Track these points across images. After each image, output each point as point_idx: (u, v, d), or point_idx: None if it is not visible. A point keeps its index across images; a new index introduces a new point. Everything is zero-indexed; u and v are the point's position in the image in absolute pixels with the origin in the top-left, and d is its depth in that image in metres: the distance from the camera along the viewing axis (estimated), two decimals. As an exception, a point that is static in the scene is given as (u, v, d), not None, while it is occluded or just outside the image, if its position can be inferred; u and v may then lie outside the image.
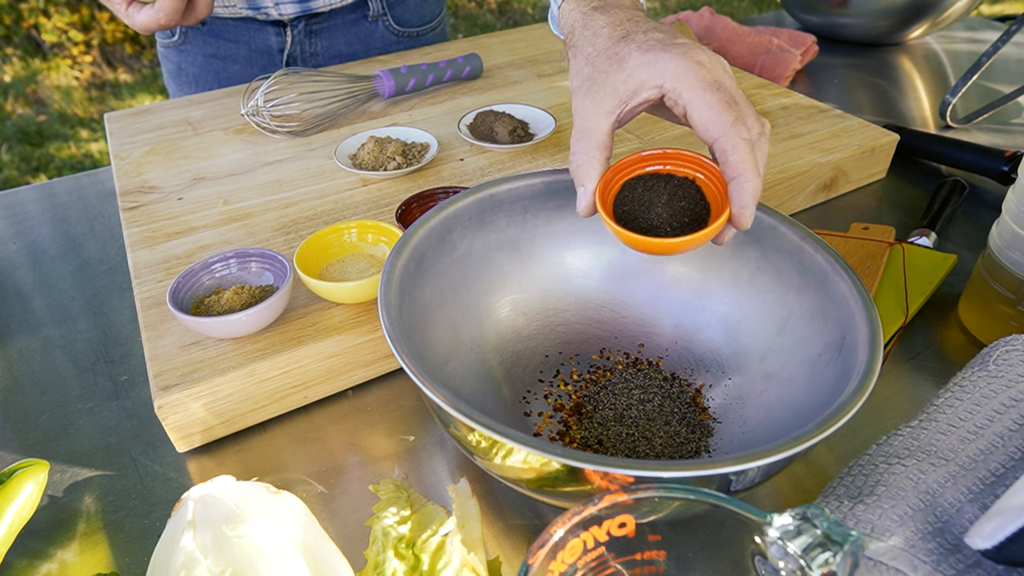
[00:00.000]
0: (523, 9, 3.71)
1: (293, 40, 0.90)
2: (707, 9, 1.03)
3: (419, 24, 0.99)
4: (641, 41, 0.41)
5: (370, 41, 0.95)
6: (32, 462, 0.43)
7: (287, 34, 0.90)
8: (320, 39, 0.92)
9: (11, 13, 2.94)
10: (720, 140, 0.38)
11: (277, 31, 0.90)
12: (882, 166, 0.74)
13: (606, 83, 0.41)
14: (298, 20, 0.89)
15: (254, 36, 0.90)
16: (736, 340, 0.48)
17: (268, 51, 0.91)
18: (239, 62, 0.92)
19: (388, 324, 0.38)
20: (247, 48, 0.91)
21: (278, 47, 0.91)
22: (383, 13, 0.94)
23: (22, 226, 0.72)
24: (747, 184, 0.38)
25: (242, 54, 0.91)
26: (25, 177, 2.31)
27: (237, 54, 0.92)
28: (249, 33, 0.90)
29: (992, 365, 0.42)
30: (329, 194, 0.65)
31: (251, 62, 0.92)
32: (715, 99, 0.38)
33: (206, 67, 0.93)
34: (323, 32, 0.92)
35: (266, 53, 0.91)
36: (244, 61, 0.92)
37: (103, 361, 0.55)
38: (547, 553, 0.28)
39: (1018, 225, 0.48)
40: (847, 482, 0.38)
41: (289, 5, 0.86)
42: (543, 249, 0.52)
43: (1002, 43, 0.84)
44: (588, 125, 0.41)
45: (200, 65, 0.93)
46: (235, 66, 0.92)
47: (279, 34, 0.90)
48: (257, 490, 0.36)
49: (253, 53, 0.91)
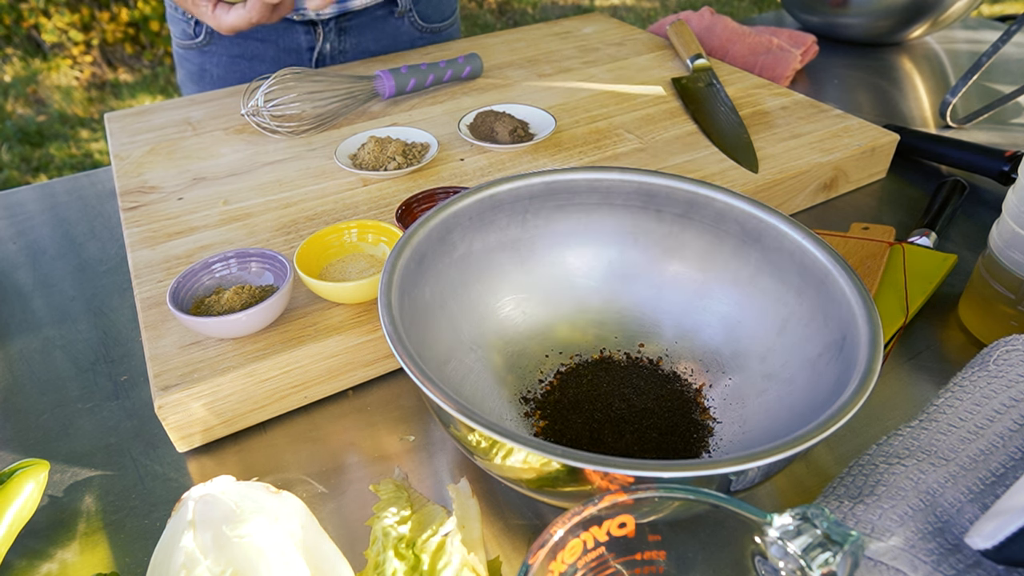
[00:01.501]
0: (523, 9, 3.72)
1: (324, 38, 0.90)
2: (707, 9, 1.03)
3: (440, 20, 1.00)
4: None
5: (397, 36, 0.95)
6: (32, 462, 0.43)
7: (317, 32, 0.89)
8: (350, 36, 0.91)
9: (11, 13, 2.94)
10: None
11: (307, 29, 0.89)
12: (882, 166, 0.74)
13: None
14: (330, 19, 0.88)
15: (283, 35, 0.89)
16: (736, 340, 0.48)
17: (297, 50, 0.90)
18: (267, 62, 0.91)
19: (388, 324, 0.38)
20: (275, 48, 0.90)
21: (307, 45, 0.90)
22: (409, 9, 0.94)
23: (22, 226, 0.72)
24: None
25: (270, 54, 0.90)
26: (25, 177, 2.31)
27: (265, 54, 0.90)
28: (278, 33, 0.89)
29: (992, 365, 0.42)
30: (329, 194, 0.65)
31: (279, 62, 0.91)
32: None
33: (232, 68, 0.92)
34: (353, 29, 0.91)
35: (295, 52, 0.90)
36: (272, 61, 0.91)
37: (103, 361, 0.55)
38: (547, 553, 0.28)
39: (1018, 225, 0.48)
40: (847, 482, 0.38)
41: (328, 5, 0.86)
42: (543, 249, 0.52)
43: (1002, 43, 0.84)
44: None
45: (225, 66, 0.92)
46: (263, 66, 0.91)
47: (308, 32, 0.89)
48: (257, 490, 0.36)
49: (281, 52, 0.90)
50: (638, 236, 0.51)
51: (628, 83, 0.85)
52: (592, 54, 0.94)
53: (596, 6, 3.93)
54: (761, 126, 0.74)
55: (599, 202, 0.51)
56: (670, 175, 0.50)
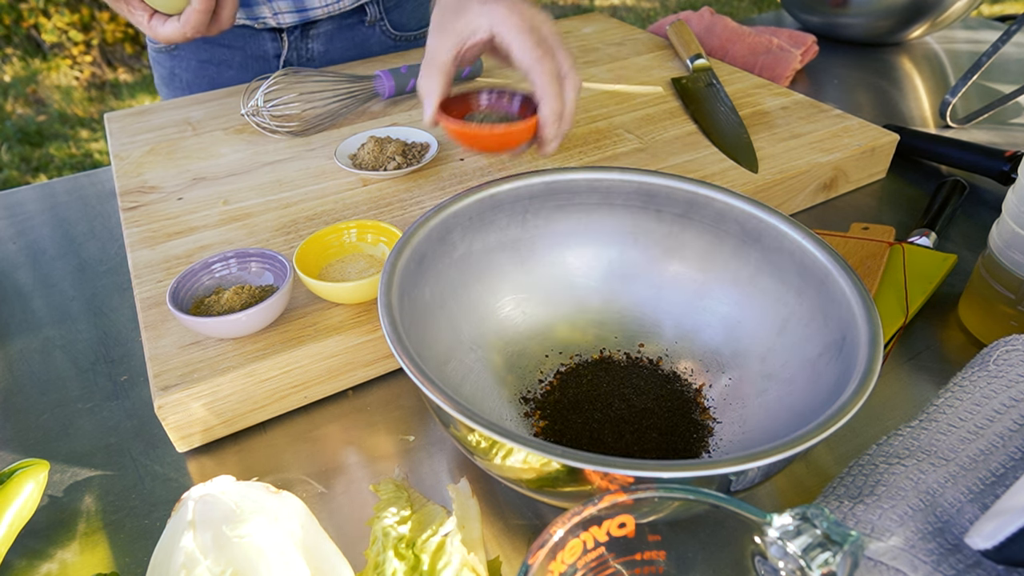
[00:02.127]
0: (523, 9, 3.70)
1: (289, 46, 0.90)
2: (707, 9, 1.03)
3: (416, 28, 0.99)
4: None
5: (367, 46, 0.95)
6: (32, 462, 0.43)
7: (283, 40, 0.89)
8: (317, 44, 0.91)
9: (11, 13, 2.95)
10: (530, 71, 0.52)
11: (273, 36, 0.89)
12: (882, 166, 0.74)
13: (451, 26, 0.54)
14: (295, 26, 0.88)
15: (249, 42, 0.89)
16: (736, 340, 0.48)
17: (264, 56, 0.91)
18: (234, 68, 0.91)
19: (388, 324, 0.38)
20: (242, 54, 0.90)
21: (274, 52, 0.90)
22: (380, 18, 0.93)
23: (22, 226, 0.72)
24: (548, 104, 0.53)
25: (237, 60, 0.91)
26: (25, 177, 2.31)
27: (232, 60, 0.91)
28: (244, 39, 0.89)
29: (992, 365, 0.42)
30: (329, 194, 0.65)
31: (246, 68, 0.91)
32: (528, 39, 0.52)
33: (200, 73, 0.92)
34: (320, 37, 0.91)
35: (262, 59, 0.91)
36: (239, 67, 0.91)
37: (103, 361, 0.55)
38: (547, 553, 0.28)
39: (1018, 225, 0.48)
40: (847, 482, 0.38)
41: (288, 15, 0.85)
42: (543, 249, 0.52)
43: (1002, 43, 0.84)
44: (434, 56, 0.55)
45: (194, 71, 0.92)
46: (230, 72, 0.91)
47: (275, 39, 0.89)
48: (257, 490, 0.36)
49: (248, 59, 0.91)
50: (638, 236, 0.51)
51: (628, 83, 0.85)
52: (592, 54, 0.94)
53: (596, 6, 3.93)
54: (761, 126, 0.74)
55: (599, 202, 0.51)
56: (670, 175, 0.50)
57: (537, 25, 0.53)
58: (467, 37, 0.53)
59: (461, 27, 0.53)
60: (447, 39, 0.54)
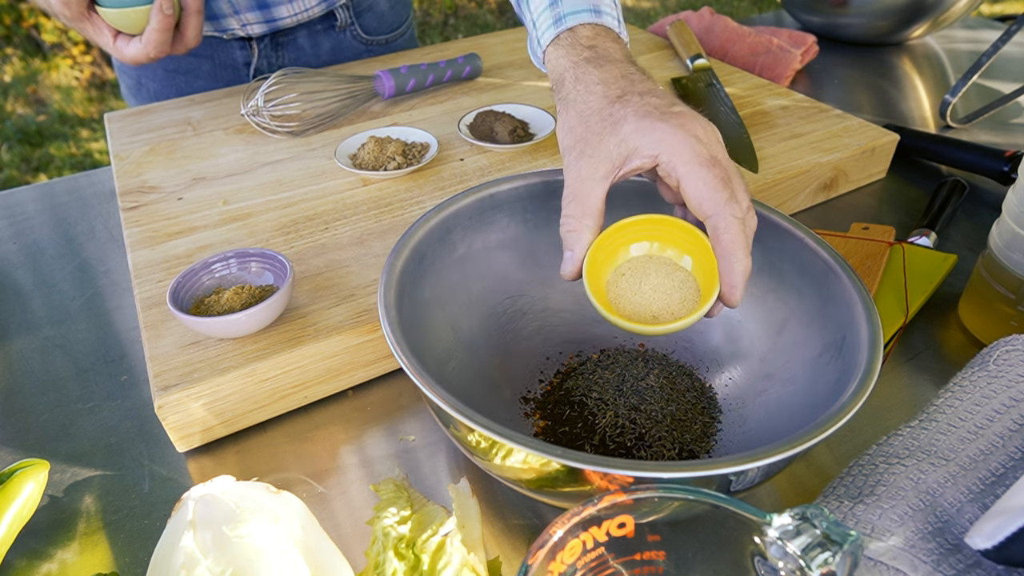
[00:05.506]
0: (523, 9, 3.70)
1: (259, 54, 0.88)
2: (707, 9, 1.03)
3: (387, 31, 0.98)
4: (638, 105, 0.40)
5: (338, 51, 0.94)
6: (32, 462, 0.43)
7: (253, 48, 0.88)
8: (287, 51, 0.90)
9: (11, 13, 2.94)
10: (713, 218, 0.38)
11: (242, 45, 0.88)
12: (882, 166, 0.74)
13: (600, 146, 0.40)
14: (263, 35, 0.87)
15: (218, 51, 0.88)
16: (736, 340, 0.48)
17: (233, 65, 0.89)
18: (203, 77, 0.90)
19: (388, 324, 0.38)
20: (211, 63, 0.89)
21: (243, 61, 0.89)
22: (351, 23, 0.92)
23: (22, 226, 0.72)
24: (738, 264, 0.38)
25: (205, 69, 0.89)
26: (25, 177, 2.31)
27: (200, 69, 0.89)
28: (212, 48, 0.88)
29: (992, 365, 0.42)
30: (329, 194, 0.65)
31: (215, 77, 0.90)
32: (710, 176, 0.38)
33: (167, 82, 0.90)
34: (290, 44, 0.90)
35: (231, 67, 0.90)
36: (208, 76, 0.90)
37: (103, 361, 0.55)
38: (547, 553, 0.28)
39: (1018, 225, 0.48)
40: (847, 482, 0.38)
41: (256, 25, 0.84)
42: (543, 249, 0.52)
43: (1002, 43, 0.84)
44: (582, 189, 0.41)
45: (161, 80, 0.91)
46: (199, 81, 0.90)
47: (244, 48, 0.88)
48: (257, 490, 0.36)
49: (217, 68, 0.89)
50: (638, 236, 0.51)
51: (628, 83, 0.85)
52: (592, 54, 0.94)
53: (596, 6, 3.92)
54: (761, 126, 0.74)
55: (599, 202, 0.51)
56: (670, 175, 0.50)
57: (715, 153, 0.39)
58: (623, 162, 0.40)
59: (615, 148, 0.40)
60: (597, 166, 0.40)
